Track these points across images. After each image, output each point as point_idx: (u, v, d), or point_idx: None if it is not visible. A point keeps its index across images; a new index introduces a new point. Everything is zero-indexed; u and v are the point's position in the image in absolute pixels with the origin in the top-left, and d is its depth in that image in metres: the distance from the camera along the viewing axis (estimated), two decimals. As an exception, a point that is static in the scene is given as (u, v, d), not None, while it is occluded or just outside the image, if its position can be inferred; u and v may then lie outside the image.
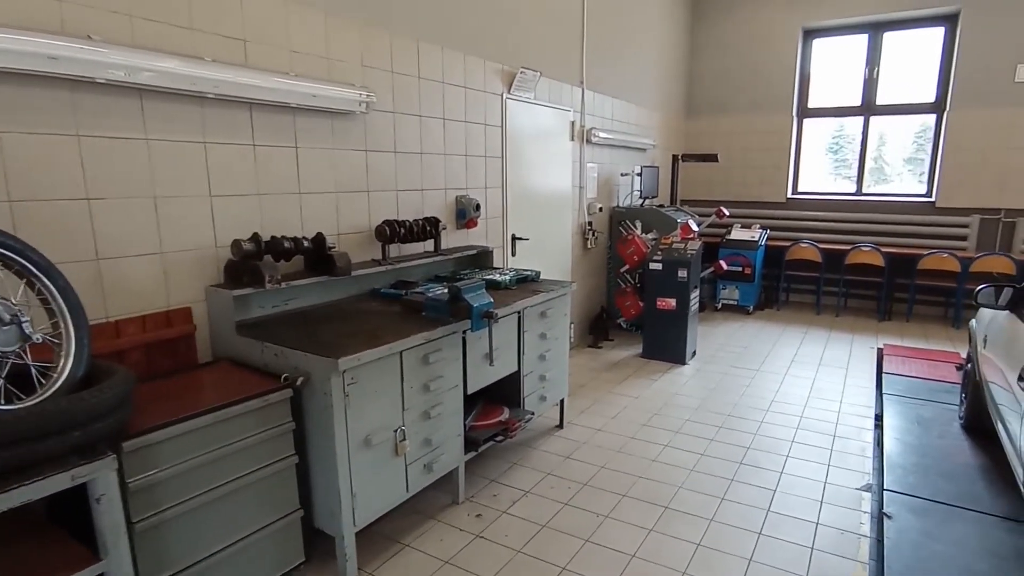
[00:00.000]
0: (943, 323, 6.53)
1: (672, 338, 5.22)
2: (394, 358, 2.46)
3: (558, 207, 5.15)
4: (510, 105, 4.30)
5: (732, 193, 7.69)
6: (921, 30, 6.75)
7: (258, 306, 2.66)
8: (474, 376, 2.98)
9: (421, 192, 3.59)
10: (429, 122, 3.58)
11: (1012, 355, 2.84)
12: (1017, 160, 6.27)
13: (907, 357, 5.33)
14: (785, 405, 4.29)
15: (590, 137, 5.39)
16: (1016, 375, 2.61)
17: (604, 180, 5.88)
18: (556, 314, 3.60)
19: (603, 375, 4.92)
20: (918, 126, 7.05)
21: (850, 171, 7.47)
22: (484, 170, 4.12)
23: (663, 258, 5.19)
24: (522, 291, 3.40)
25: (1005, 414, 2.82)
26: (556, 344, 3.66)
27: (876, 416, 4.14)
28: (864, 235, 6.95)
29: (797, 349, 5.65)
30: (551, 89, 4.81)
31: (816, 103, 7.38)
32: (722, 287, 7.06)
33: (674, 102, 7.49)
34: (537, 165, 4.76)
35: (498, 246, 4.35)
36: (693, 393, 4.53)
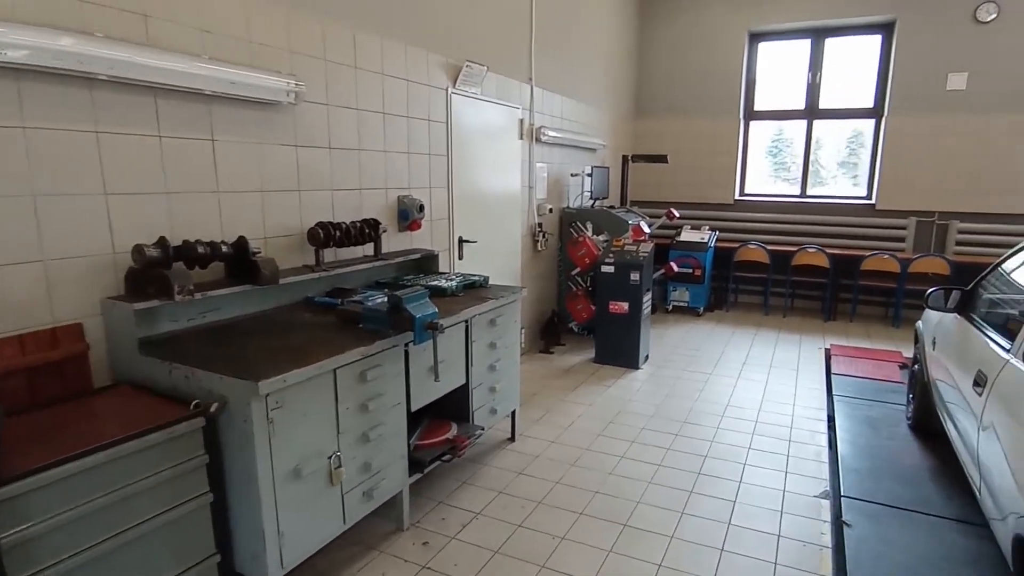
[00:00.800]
0: (884, 322, 6.68)
1: (625, 342, 5.10)
2: (327, 377, 2.20)
3: (507, 208, 4.95)
4: (456, 100, 4.07)
5: (681, 194, 7.68)
6: (860, 37, 6.89)
7: (168, 320, 2.34)
8: (418, 392, 2.74)
9: (359, 192, 3.32)
10: (368, 116, 3.32)
11: (965, 359, 2.80)
12: (949, 165, 6.46)
13: (853, 357, 5.38)
14: (740, 410, 4.22)
15: (539, 136, 5.22)
16: (971, 380, 2.56)
17: (554, 180, 5.72)
18: (506, 321, 3.39)
19: (555, 382, 4.75)
20: (850, 131, 7.21)
21: (788, 174, 7.59)
22: (428, 169, 3.88)
23: (615, 260, 5.06)
24: (470, 298, 3.17)
25: (958, 417, 2.78)
26: (507, 353, 3.45)
27: (828, 418, 4.11)
28: (809, 236, 7.04)
29: (748, 351, 5.63)
30: (499, 85, 4.61)
31: (762, 106, 7.45)
32: (673, 289, 7.02)
33: (623, 102, 7.42)
34: (485, 164, 4.55)
35: (444, 249, 4.11)
36: (648, 399, 4.40)
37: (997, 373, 2.32)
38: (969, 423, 2.57)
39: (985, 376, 2.41)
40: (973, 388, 2.51)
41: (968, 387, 2.58)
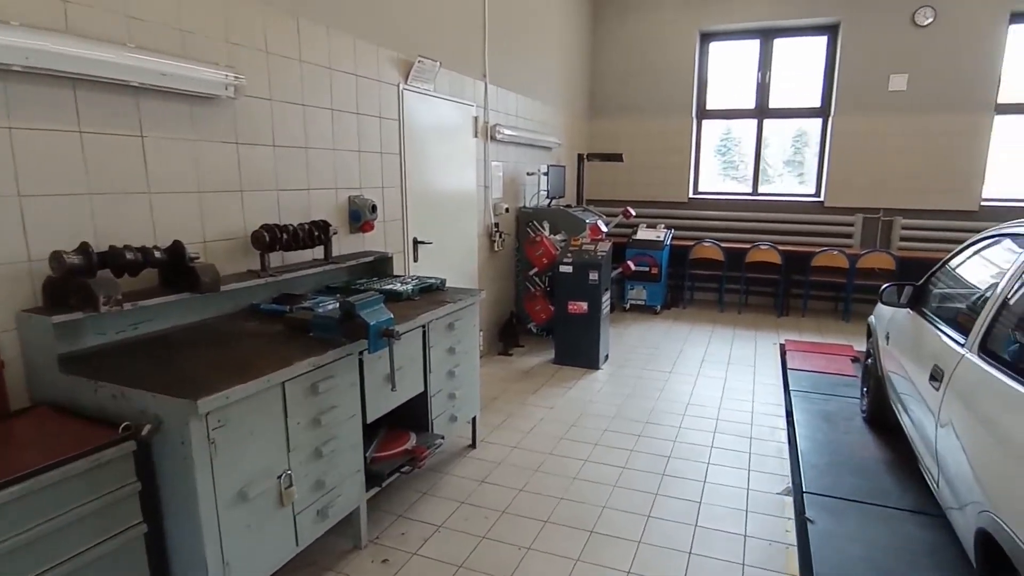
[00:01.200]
0: (834, 316, 6.85)
1: (585, 343, 5.05)
2: (274, 391, 2.04)
3: (463, 208, 4.83)
4: (408, 97, 3.93)
5: (637, 193, 7.70)
6: (807, 38, 7.05)
7: (94, 334, 2.14)
8: (374, 403, 2.60)
9: (307, 192, 3.15)
10: (315, 112, 3.15)
11: (920, 354, 2.84)
12: (892, 163, 6.68)
13: (807, 352, 5.49)
14: (701, 408, 4.22)
15: (494, 134, 5.12)
16: (927, 374, 2.59)
17: (510, 180, 5.63)
18: (465, 325, 3.28)
19: (515, 385, 4.66)
20: (795, 130, 7.38)
21: (737, 172, 7.72)
22: (380, 168, 3.73)
23: (573, 260, 5.01)
24: (426, 302, 3.05)
25: (914, 410, 2.82)
26: (466, 358, 3.34)
27: (787, 413, 4.14)
28: (761, 234, 7.16)
29: (706, 348, 5.67)
30: (452, 81, 4.49)
31: (714, 105, 7.54)
32: (630, 287, 7.03)
33: (577, 101, 7.39)
34: (439, 163, 4.42)
35: (398, 251, 3.96)
36: (609, 400, 4.36)
37: (953, 368, 2.34)
38: (926, 416, 2.60)
39: (941, 370, 2.44)
40: (930, 382, 2.54)
41: (924, 381, 2.61)
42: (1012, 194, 6.61)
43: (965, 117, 6.39)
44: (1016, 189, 6.63)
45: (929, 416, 2.52)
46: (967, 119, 6.39)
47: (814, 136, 7.25)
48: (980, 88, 6.33)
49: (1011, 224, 2.60)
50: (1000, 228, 2.68)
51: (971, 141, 6.41)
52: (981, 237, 2.86)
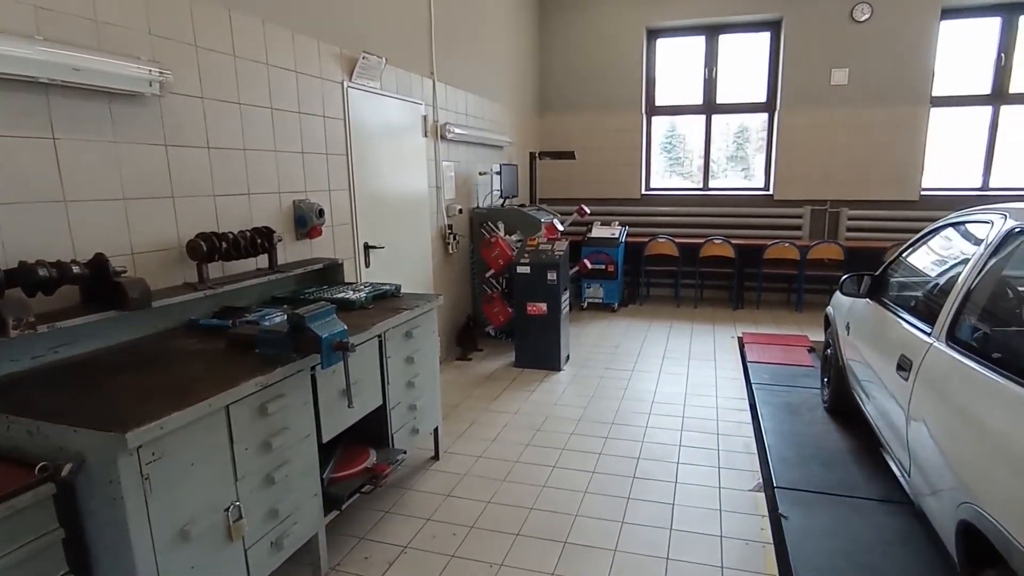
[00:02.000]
0: (787, 307, 6.97)
1: (545, 344, 4.95)
2: (217, 416, 1.85)
3: (415, 210, 4.66)
4: (353, 95, 3.74)
5: (590, 191, 7.67)
6: (751, 34, 7.16)
7: (7, 361, 1.89)
8: (330, 421, 2.42)
9: (248, 197, 2.93)
10: (253, 112, 2.93)
11: (884, 344, 2.84)
12: (837, 156, 6.85)
13: (764, 344, 5.54)
14: (666, 406, 4.17)
15: (445, 133, 4.96)
16: (893, 364, 2.58)
17: (462, 180, 5.49)
18: (423, 333, 3.12)
19: (477, 391, 4.52)
20: (737, 126, 7.49)
21: (683, 168, 7.79)
22: (327, 170, 3.52)
23: (531, 261, 4.90)
24: (381, 310, 2.87)
25: (879, 400, 2.82)
26: (426, 366, 3.18)
27: (751, 407, 4.14)
28: (713, 228, 7.24)
29: (666, 344, 5.65)
30: (399, 79, 4.31)
31: (663, 101, 7.57)
32: (587, 286, 6.98)
33: (527, 99, 7.30)
34: (389, 164, 4.23)
35: (349, 257, 3.76)
36: (573, 402, 4.27)
37: (922, 357, 2.33)
38: (893, 407, 2.59)
39: (909, 360, 2.43)
40: (897, 373, 2.53)
41: (891, 372, 2.60)
42: (947, 184, 6.87)
43: (903, 110, 6.61)
44: (951, 179, 6.90)
45: (897, 406, 2.51)
46: (905, 112, 6.61)
47: (755, 132, 7.39)
48: (916, 82, 6.55)
49: (966, 212, 2.62)
50: (955, 216, 2.71)
51: (910, 133, 6.63)
52: (936, 226, 2.89)
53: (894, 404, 2.58)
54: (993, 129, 6.75)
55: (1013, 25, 6.54)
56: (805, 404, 4.17)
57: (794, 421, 3.89)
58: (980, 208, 2.59)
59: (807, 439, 3.64)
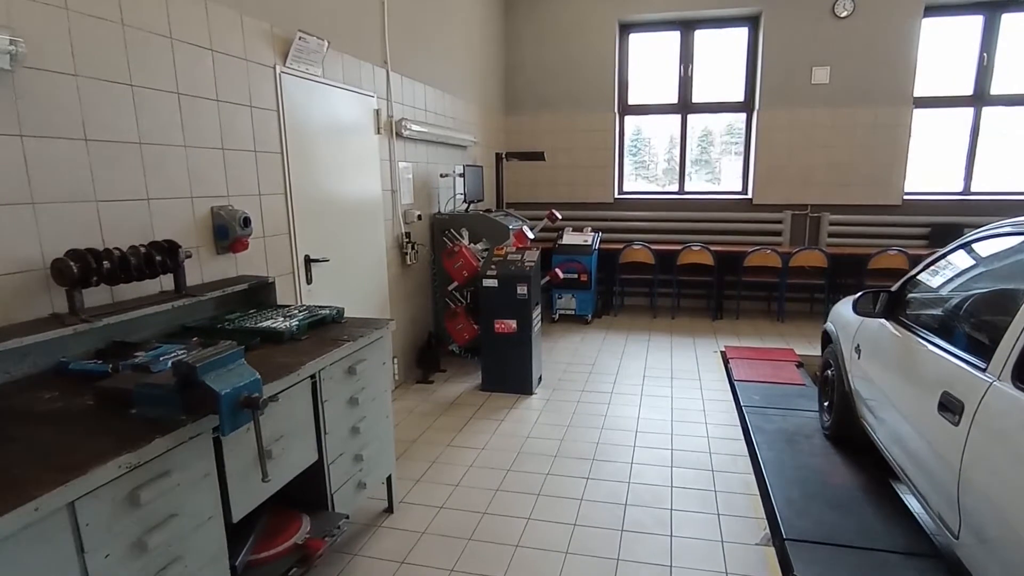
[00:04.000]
0: (768, 317, 6.62)
1: (515, 365, 4.45)
2: (57, 519, 1.29)
3: (366, 217, 4.11)
4: (288, 82, 3.18)
5: (559, 194, 7.22)
6: (728, 30, 6.81)
7: None
8: (244, 494, 1.87)
9: (147, 203, 2.35)
10: (153, 97, 2.36)
11: (914, 376, 2.43)
12: (818, 158, 6.55)
13: (750, 359, 5.16)
14: (651, 436, 3.71)
15: (400, 130, 4.42)
16: (932, 402, 2.17)
17: (421, 183, 4.96)
18: (371, 366, 2.58)
19: (439, 421, 3.99)
20: (700, 129, 7.14)
21: (647, 172, 7.42)
22: (256, 170, 2.96)
23: (498, 273, 4.40)
24: (318, 342, 2.33)
25: (910, 442, 2.41)
26: (375, 406, 2.64)
27: (745, 436, 3.72)
28: (690, 234, 6.86)
29: (645, 360, 5.22)
30: (346, 67, 3.77)
31: (636, 100, 7.17)
32: (558, 296, 6.52)
33: (492, 95, 6.81)
34: (335, 164, 3.68)
35: (285, 273, 3.20)
36: (548, 433, 3.78)
37: (979, 400, 1.91)
38: (931, 453, 2.18)
39: (959, 402, 2.01)
40: (940, 414, 2.11)
41: (928, 411, 2.18)
42: (928, 188, 6.64)
43: (886, 110, 6.34)
44: (932, 183, 6.67)
45: (939, 454, 2.10)
46: (888, 112, 6.34)
47: (718, 135, 7.08)
48: (899, 81, 6.29)
49: (1017, 223, 2.21)
50: (999, 228, 2.30)
51: (892, 135, 6.37)
52: (972, 239, 2.48)
53: (933, 450, 2.16)
54: (975, 131, 6.53)
55: (995, 24, 6.33)
56: (802, 431, 3.77)
57: (794, 452, 3.48)
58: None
59: (811, 474, 3.23)
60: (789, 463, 3.35)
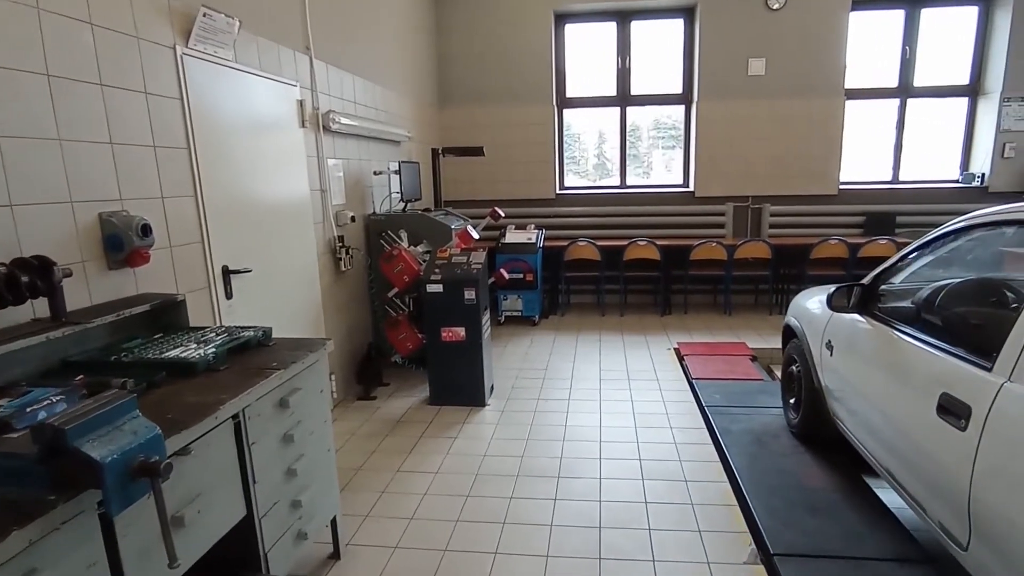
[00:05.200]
0: (716, 310, 6.57)
1: (466, 376, 4.13)
2: None
3: (294, 220, 3.68)
4: (193, 67, 2.73)
5: (499, 191, 6.92)
6: (664, 21, 6.71)
7: None
8: (148, 573, 1.47)
9: (9, 210, 1.88)
10: (7, 78, 1.89)
11: (904, 377, 2.28)
12: (757, 150, 6.54)
13: (704, 355, 5.04)
14: (617, 447, 3.48)
15: (328, 123, 4.00)
16: (929, 405, 2.01)
17: (354, 181, 4.54)
18: (308, 395, 2.20)
19: (385, 443, 3.61)
20: (629, 124, 7.02)
21: (578, 167, 7.27)
22: (156, 169, 2.50)
23: (443, 277, 4.06)
24: (241, 371, 1.94)
25: (903, 447, 2.26)
26: (313, 441, 2.26)
27: (712, 438, 3.55)
28: (634, 228, 6.71)
29: (599, 362, 5.01)
30: (264, 52, 3.33)
31: (574, 93, 6.96)
32: (503, 297, 6.23)
33: (426, 88, 6.43)
34: (255, 161, 3.24)
35: (199, 288, 2.75)
36: (507, 449, 3.48)
37: (990, 403, 1.75)
38: (931, 459, 2.03)
39: (965, 405, 1.85)
40: (939, 416, 1.96)
41: (926, 414, 2.02)
42: (861, 177, 6.78)
43: (820, 102, 6.40)
44: (864, 173, 6.81)
45: (945, 462, 1.94)
46: (822, 104, 6.41)
47: (646, 130, 7.02)
48: (831, 73, 6.37)
49: (1010, 211, 2.08)
50: (991, 215, 2.16)
51: (827, 126, 6.44)
52: (956, 227, 2.34)
53: (934, 457, 2.00)
54: (901, 122, 6.71)
55: (915, 18, 6.51)
56: (769, 430, 3.64)
57: (765, 455, 3.33)
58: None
59: (787, 479, 3.08)
60: (762, 467, 3.19)
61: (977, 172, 6.59)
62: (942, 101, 6.72)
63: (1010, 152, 6.45)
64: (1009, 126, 6.39)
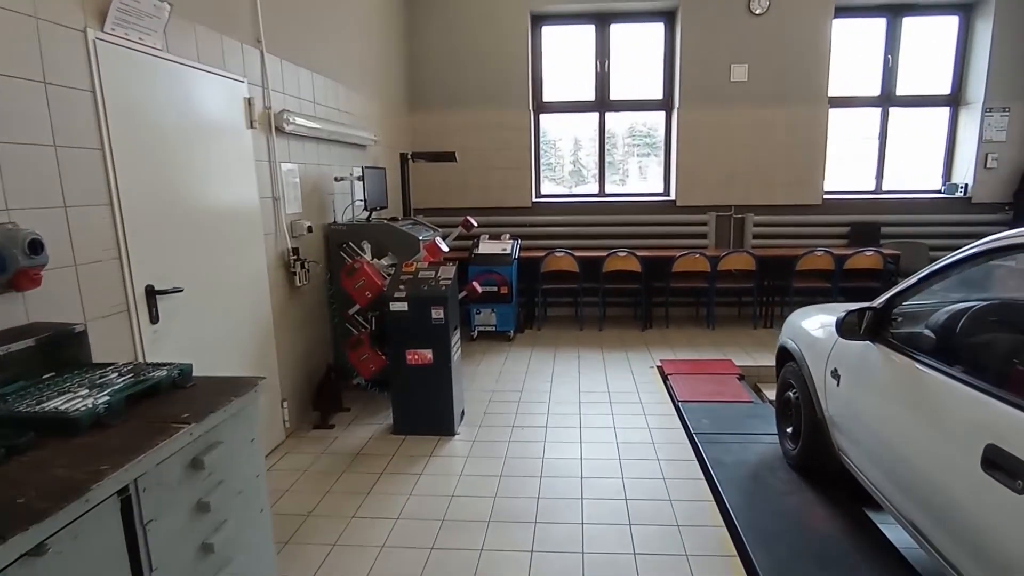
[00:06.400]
0: (698, 324, 6.29)
1: (433, 402, 3.76)
2: None
3: (240, 230, 3.28)
4: (110, 54, 2.34)
5: (472, 199, 6.57)
6: (644, 25, 6.45)
7: None
8: None
9: None
10: None
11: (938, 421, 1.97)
12: (740, 158, 6.32)
13: (689, 374, 4.75)
14: (601, 484, 3.14)
15: (282, 124, 3.62)
16: (971, 456, 1.72)
17: (312, 188, 4.16)
18: (233, 448, 1.81)
19: (341, 482, 3.22)
20: (592, 131, 6.76)
21: (553, 174, 6.98)
22: (57, 172, 2.10)
23: (408, 294, 3.69)
24: (140, 427, 1.55)
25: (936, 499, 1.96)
26: (241, 502, 1.87)
27: (703, 472, 3.23)
28: (613, 238, 6.42)
29: (578, 382, 4.68)
30: (204, 41, 2.94)
31: (552, 97, 6.66)
32: (476, 311, 5.87)
33: (395, 90, 6.07)
34: (192, 165, 2.85)
35: (115, 312, 2.35)
36: (478, 488, 3.12)
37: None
38: (976, 519, 1.73)
39: (1019, 460, 1.55)
40: (986, 472, 1.66)
41: (967, 467, 1.72)
42: (844, 187, 6.60)
43: (804, 110, 6.21)
44: (846, 183, 6.63)
45: (993, 524, 1.64)
46: (806, 112, 6.22)
47: (621, 136, 6.77)
48: (815, 80, 6.18)
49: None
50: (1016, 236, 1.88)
51: (811, 134, 6.25)
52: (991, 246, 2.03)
53: (979, 517, 1.70)
54: (884, 131, 6.55)
55: (897, 27, 6.37)
56: (764, 462, 3.35)
57: (763, 493, 3.03)
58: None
59: (789, 522, 2.78)
60: (761, 508, 2.89)
61: (960, 183, 6.45)
62: (924, 111, 6.58)
63: (992, 163, 6.33)
64: (991, 136, 6.27)
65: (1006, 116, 6.21)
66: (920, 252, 6.22)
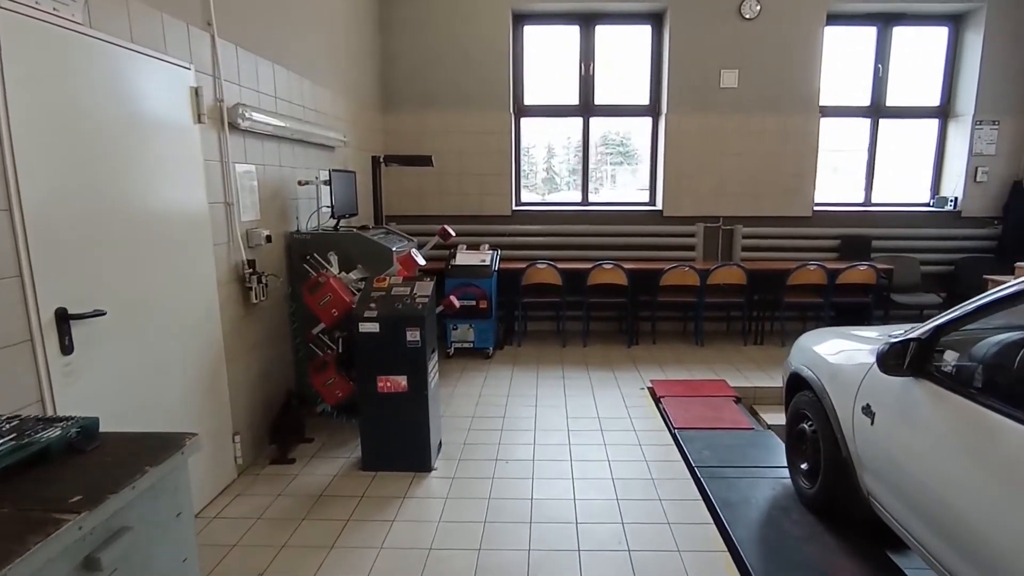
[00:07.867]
0: (686, 340, 5.99)
1: (408, 434, 3.35)
2: None
3: (183, 240, 2.84)
4: (13, 27, 1.90)
5: (449, 206, 6.18)
6: (631, 27, 6.17)
7: None
8: None
9: None
10: None
11: (1007, 473, 1.67)
12: (729, 167, 6.07)
13: (683, 396, 4.43)
14: (599, 532, 2.77)
15: (236, 119, 3.19)
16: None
17: (272, 192, 3.72)
18: (148, 532, 1.39)
19: (299, 533, 2.79)
20: (576, 140, 6.44)
21: (527, 180, 6.65)
22: (-68, 167, 1.66)
23: (380, 313, 3.28)
24: (11, 514, 1.13)
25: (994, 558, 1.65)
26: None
27: (712, 517, 2.89)
28: (597, 249, 6.09)
29: (565, 406, 4.31)
30: (139, 18, 2.51)
31: (533, 100, 6.32)
32: (453, 327, 5.48)
33: (367, 88, 5.66)
34: (119, 163, 2.41)
35: (14, 344, 1.90)
36: (459, 540, 2.72)
37: None
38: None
39: None
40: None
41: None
42: (833, 199, 6.40)
43: (795, 118, 5.99)
44: (836, 194, 6.44)
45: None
46: (796, 121, 6.00)
47: (594, 145, 6.49)
48: (806, 89, 5.97)
49: None
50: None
51: (801, 144, 6.03)
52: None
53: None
54: (873, 142, 6.38)
55: (888, 36, 6.21)
56: (776, 501, 3.03)
57: (780, 540, 2.71)
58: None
59: (808, 570, 2.46)
60: (780, 559, 2.56)
61: (949, 196, 6.31)
62: (913, 122, 6.43)
63: (982, 176, 6.20)
64: (981, 149, 6.15)
65: (995, 129, 6.09)
66: (912, 267, 6.05)
